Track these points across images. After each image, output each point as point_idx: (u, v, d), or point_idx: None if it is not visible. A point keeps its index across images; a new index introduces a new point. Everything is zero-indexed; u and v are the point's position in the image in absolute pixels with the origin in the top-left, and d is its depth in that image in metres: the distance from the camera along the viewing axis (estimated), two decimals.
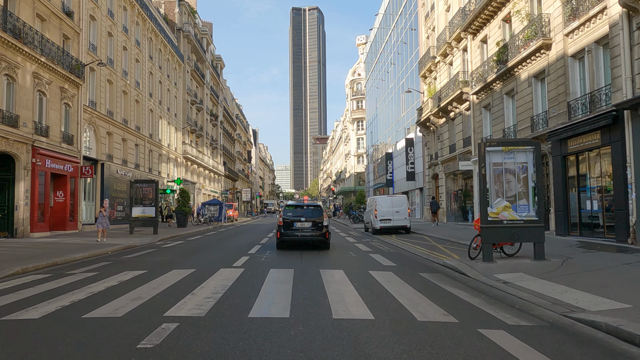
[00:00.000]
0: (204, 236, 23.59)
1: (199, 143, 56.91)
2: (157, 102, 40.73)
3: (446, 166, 30.47)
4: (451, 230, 23.52)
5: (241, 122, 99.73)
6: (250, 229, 30.63)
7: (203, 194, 59.25)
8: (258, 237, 22.36)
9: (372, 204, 24.06)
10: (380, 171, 54.39)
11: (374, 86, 63.52)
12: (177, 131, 47.39)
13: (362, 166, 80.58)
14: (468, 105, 26.46)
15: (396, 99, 46.65)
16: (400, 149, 43.57)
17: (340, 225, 36.26)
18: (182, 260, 12.37)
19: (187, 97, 50.45)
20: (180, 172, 47.86)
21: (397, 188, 44.59)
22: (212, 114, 63.94)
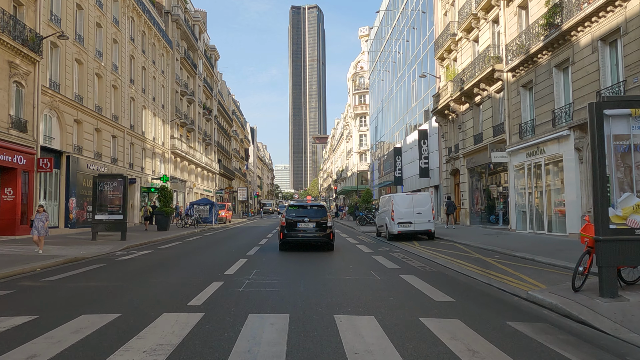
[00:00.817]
0: (182, 242, 19.31)
1: (191, 138, 52.62)
2: (139, 89, 36.43)
3: (470, 160, 26.20)
4: (482, 235, 19.27)
5: (238, 119, 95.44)
6: (242, 233, 26.36)
7: (195, 193, 54.97)
8: (247, 244, 18.09)
9: (388, 203, 19.81)
10: (386, 168, 50.11)
11: (379, 78, 59.29)
12: (164, 124, 43.10)
13: (365, 164, 76.30)
14: (500, 85, 22.19)
15: (405, 89, 42.37)
16: (410, 142, 39.29)
17: (345, 227, 32.00)
18: (117, 290, 8.07)
19: (176, 88, 46.16)
20: (168, 169, 43.56)
21: (407, 186, 40.31)
22: (206, 108, 59.65)
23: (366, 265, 11.61)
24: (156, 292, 7.95)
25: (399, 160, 42.82)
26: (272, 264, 11.54)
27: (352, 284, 8.57)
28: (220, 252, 15.18)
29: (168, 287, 8.39)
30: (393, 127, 47.84)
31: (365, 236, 22.71)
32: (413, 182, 38.61)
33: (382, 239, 20.50)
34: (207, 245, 18.14)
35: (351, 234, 24.86)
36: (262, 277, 9.28)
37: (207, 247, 16.95)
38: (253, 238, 21.57)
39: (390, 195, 19.84)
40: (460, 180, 28.00)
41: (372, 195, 34.44)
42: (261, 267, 10.94)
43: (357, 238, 21.45)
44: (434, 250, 14.85)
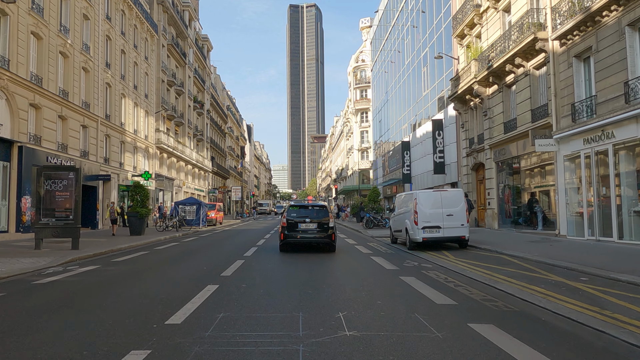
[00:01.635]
0: (148, 253, 15.22)
1: (179, 133, 48.54)
2: (117, 75, 32.34)
3: (499, 151, 22.19)
4: (527, 243, 15.27)
5: (233, 115, 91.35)
6: (230, 238, 22.30)
7: (185, 193, 50.87)
8: (230, 255, 14.02)
9: (408, 203, 15.78)
10: (392, 165, 46.10)
11: (382, 70, 55.30)
12: (148, 115, 39.01)
13: (367, 162, 72.31)
14: (543, 59, 18.17)
15: (414, 77, 38.35)
16: (421, 135, 35.26)
17: (351, 231, 27.96)
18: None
19: (162, 77, 42.07)
20: (152, 166, 39.47)
21: (417, 184, 36.29)
22: (197, 101, 55.55)
23: (400, 296, 7.54)
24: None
25: (407, 155, 38.79)
26: (252, 298, 7.47)
27: (398, 356, 4.50)
28: (188, 268, 11.11)
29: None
30: (400, 119, 43.79)
31: (378, 243, 18.66)
32: (425, 179, 34.57)
33: (401, 246, 16.48)
34: (177, 257, 14.05)
35: (360, 239, 20.81)
36: (228, 335, 5.20)
37: (175, 261, 12.88)
38: (240, 246, 17.51)
39: (412, 193, 15.76)
40: (485, 176, 23.96)
41: (379, 194, 30.44)
42: (234, 306, 6.84)
43: (369, 246, 17.40)
44: (481, 267, 10.82)
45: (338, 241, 18.37)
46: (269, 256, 14.05)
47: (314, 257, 13.54)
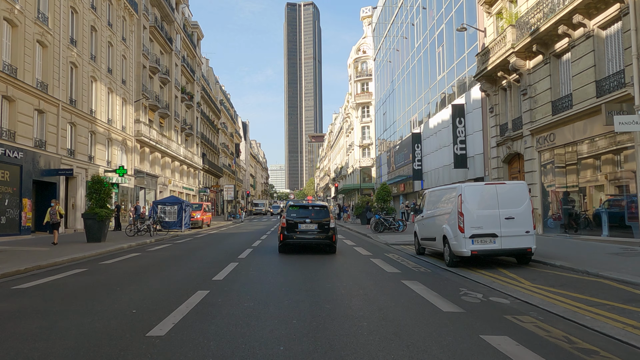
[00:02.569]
0: (83, 273, 10.79)
1: (165, 125, 44.08)
2: (86, 55, 27.91)
3: (544, 138, 17.87)
4: (610, 256, 11.00)
5: (227, 111, 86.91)
6: (208, 247, 17.84)
7: (172, 191, 46.43)
8: (195, 279, 9.50)
9: (446, 200, 11.45)
10: (399, 160, 41.79)
11: (386, 60, 51.01)
12: (126, 104, 34.57)
13: (369, 159, 67.99)
14: (616, 11, 13.86)
15: (426, 60, 34.02)
16: (436, 125, 30.94)
17: (357, 236, 23.62)
18: None
19: (143, 61, 37.63)
20: (131, 161, 35.04)
21: (431, 181, 31.99)
22: (185, 92, 51.10)
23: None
24: None
25: (419, 148, 34.47)
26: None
27: None
28: (104, 314, 6.66)
29: None
30: (409, 110, 39.44)
31: (399, 254, 14.30)
32: (440, 175, 30.25)
33: (433, 260, 12.17)
34: (125, 279, 9.62)
35: (373, 248, 16.42)
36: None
37: (101, 292, 8.42)
38: (211, 261, 13.06)
39: (455, 187, 11.26)
40: (523, 169, 19.63)
41: (389, 191, 26.13)
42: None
43: (388, 258, 13.05)
44: (595, 304, 6.49)
45: (346, 251, 14.40)
46: (257, 276, 9.71)
47: (316, 271, 9.21)
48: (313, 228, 13.79)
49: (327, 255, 13.62)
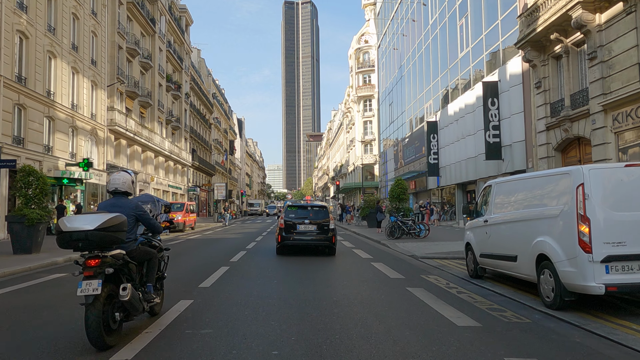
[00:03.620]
0: None
1: (147, 116, 39.39)
2: (40, 25, 23.22)
3: (627, 114, 13.27)
4: None
5: (221, 106, 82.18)
6: (175, 259, 13.15)
7: (155, 190, 41.76)
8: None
9: (552, 193, 6.72)
10: (409, 155, 37.21)
11: (391, 47, 46.52)
12: (96, 88, 29.87)
13: (371, 156, 63.50)
14: None
15: (443, 37, 29.46)
16: (458, 111, 26.37)
17: (367, 242, 18.99)
18: None
19: (119, 41, 32.94)
20: (103, 154, 30.36)
21: (450, 177, 27.44)
22: (172, 81, 46.44)
23: None
24: None
25: (434, 140, 29.90)
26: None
27: None
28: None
29: None
30: (421, 97, 34.85)
31: (442, 275, 9.70)
32: (464, 169, 25.67)
33: (508, 291, 7.63)
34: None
35: (397, 263, 11.78)
36: None
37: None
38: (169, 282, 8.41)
39: (569, 171, 6.50)
40: (589, 157, 15.05)
41: (405, 188, 21.50)
42: None
43: (431, 285, 8.42)
44: None
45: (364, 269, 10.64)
46: (227, 312, 5.08)
47: (331, 322, 4.58)
48: (312, 229, 13.31)
49: (337, 279, 9.07)
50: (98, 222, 4.35)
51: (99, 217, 4.42)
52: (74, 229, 4.32)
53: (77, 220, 4.45)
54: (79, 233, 4.30)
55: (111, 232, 4.43)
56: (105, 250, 4.48)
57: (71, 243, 4.35)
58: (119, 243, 4.64)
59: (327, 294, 7.46)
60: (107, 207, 5.15)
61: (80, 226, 4.33)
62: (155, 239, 5.91)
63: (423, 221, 21.87)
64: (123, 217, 4.66)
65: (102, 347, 4.37)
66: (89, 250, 4.42)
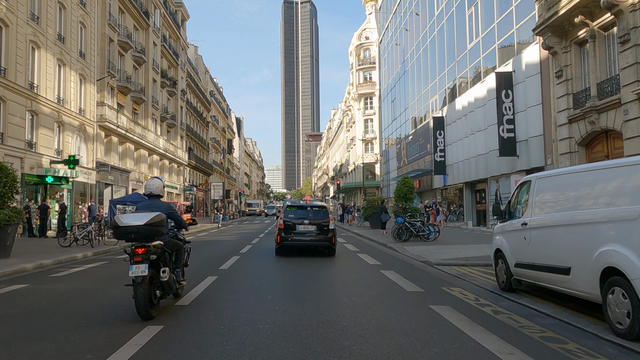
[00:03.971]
0: None
1: (140, 113, 37.89)
2: (22, 12, 21.75)
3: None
4: None
5: (219, 104, 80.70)
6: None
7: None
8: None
9: (623, 188, 5.23)
10: (413, 153, 35.76)
11: (393, 42, 45.10)
12: (85, 82, 28.40)
13: (372, 155, 62.04)
14: None
15: (451, 28, 28.03)
16: (466, 106, 24.94)
17: (370, 245, 17.55)
18: None
19: (110, 34, 31.44)
20: (92, 151, 28.88)
21: (458, 175, 26.00)
22: (167, 77, 44.98)
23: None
24: None
25: (441, 136, 28.45)
26: None
27: None
28: None
29: None
30: (426, 92, 33.40)
31: (467, 287, 8.22)
32: (473, 166, 24.23)
33: (553, 309, 6.16)
34: None
35: (410, 272, 10.29)
36: None
37: None
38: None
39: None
40: (622, 151, 13.59)
41: (412, 187, 20.06)
42: None
43: (459, 302, 6.94)
44: None
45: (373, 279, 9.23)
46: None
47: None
48: (312, 229, 13.15)
49: (344, 293, 7.59)
50: (146, 219, 5.56)
51: (146, 215, 5.65)
52: (128, 225, 5.55)
53: (130, 217, 5.73)
54: (132, 227, 5.54)
55: (155, 227, 5.64)
56: (149, 241, 5.61)
57: (126, 235, 5.59)
58: (160, 235, 5.80)
59: (333, 316, 5.99)
60: (146, 207, 6.23)
61: (133, 222, 5.57)
62: (180, 233, 6.95)
63: (432, 222, 20.38)
64: (163, 215, 5.87)
65: (147, 318, 5.49)
66: (138, 241, 5.57)
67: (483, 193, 24.88)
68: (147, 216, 5.62)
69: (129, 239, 5.62)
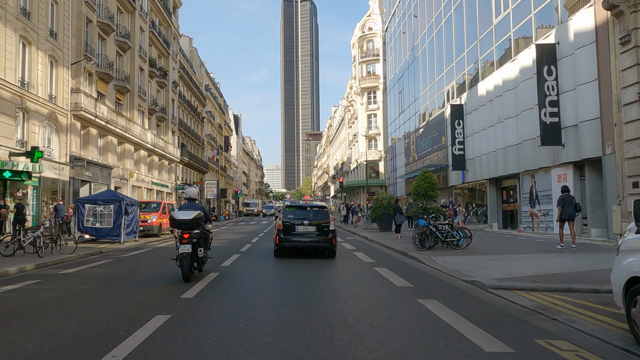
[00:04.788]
0: None
1: (125, 103, 34.56)
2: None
3: None
4: None
5: (215, 99, 77.34)
6: (117, 284, 8.33)
7: (137, 188, 37.08)
8: None
9: None
10: (424, 147, 32.43)
11: (401, 29, 41.82)
12: (57, 65, 25.07)
13: (376, 152, 58.73)
14: None
15: (470, 5, 24.66)
16: (491, 91, 21.63)
17: (384, 253, 14.28)
18: None
19: (87, 13, 28.10)
20: (66, 143, 25.56)
21: (481, 170, 22.68)
22: (157, 67, 41.67)
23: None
24: None
25: (460, 127, 25.11)
26: None
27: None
28: None
29: None
30: (440, 79, 30.05)
31: (582, 345, 4.90)
32: (500, 160, 20.89)
33: None
34: None
35: (459, 301, 6.94)
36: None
37: None
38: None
39: None
40: None
41: (434, 183, 16.77)
42: None
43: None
44: None
45: (414, 322, 5.01)
46: None
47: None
48: (311, 230, 12.74)
49: (377, 354, 4.29)
50: (192, 215, 8.67)
51: (191, 213, 8.73)
52: (181, 219, 8.65)
53: (181, 214, 8.75)
54: (183, 220, 8.64)
55: (196, 220, 8.74)
56: (192, 229, 8.66)
57: (179, 225, 8.64)
58: (199, 227, 8.86)
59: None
60: (188, 207, 9.09)
61: (184, 217, 8.66)
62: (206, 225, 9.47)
63: (461, 225, 17.02)
64: (202, 213, 8.92)
65: (188, 280, 8.44)
66: (184, 229, 8.60)
67: (512, 191, 21.57)
68: (192, 213, 8.69)
69: (180, 228, 8.59)
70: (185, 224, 8.55)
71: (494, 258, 11.71)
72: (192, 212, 8.67)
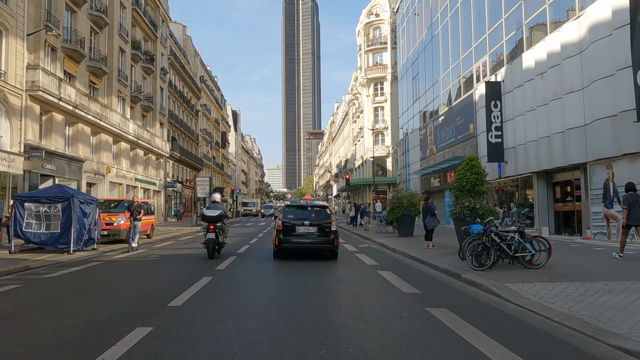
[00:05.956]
0: None
1: (101, 88, 30.13)
2: None
3: None
4: None
5: (211, 92, 72.88)
6: None
7: (117, 185, 32.71)
8: None
9: None
10: (446, 137, 27.92)
11: (412, 11, 37.47)
12: (7, 34, 20.67)
13: (383, 147, 54.28)
14: None
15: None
16: (544, 60, 17.19)
17: (411, 267, 9.81)
18: None
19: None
20: (19, 129, 21.13)
21: (522, 162, 18.22)
22: (141, 49, 37.28)
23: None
24: None
25: (497, 109, 20.60)
26: None
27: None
28: None
29: None
30: (467, 55, 25.55)
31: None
32: (556, 147, 16.42)
33: None
34: None
35: None
36: None
37: None
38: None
39: None
40: None
41: (483, 173, 12.38)
42: None
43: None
44: None
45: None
46: None
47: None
48: (312, 231, 12.30)
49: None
50: (217, 213, 12.40)
51: (216, 211, 12.45)
52: (209, 215, 12.28)
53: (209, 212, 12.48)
54: (211, 216, 12.25)
55: (220, 217, 12.36)
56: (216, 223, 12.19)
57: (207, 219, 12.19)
58: (220, 221, 12.34)
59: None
60: (213, 208, 12.76)
61: (211, 214, 12.32)
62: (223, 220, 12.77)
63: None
64: (223, 212, 12.53)
65: (212, 257, 12.06)
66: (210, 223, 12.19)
67: (569, 186, 17.12)
68: (216, 211, 12.45)
69: (207, 221, 12.14)
70: (211, 219, 12.16)
71: (611, 288, 7.24)
72: (216, 211, 12.47)
